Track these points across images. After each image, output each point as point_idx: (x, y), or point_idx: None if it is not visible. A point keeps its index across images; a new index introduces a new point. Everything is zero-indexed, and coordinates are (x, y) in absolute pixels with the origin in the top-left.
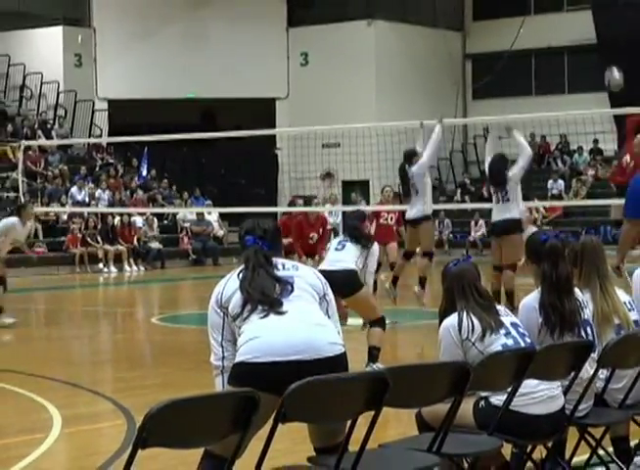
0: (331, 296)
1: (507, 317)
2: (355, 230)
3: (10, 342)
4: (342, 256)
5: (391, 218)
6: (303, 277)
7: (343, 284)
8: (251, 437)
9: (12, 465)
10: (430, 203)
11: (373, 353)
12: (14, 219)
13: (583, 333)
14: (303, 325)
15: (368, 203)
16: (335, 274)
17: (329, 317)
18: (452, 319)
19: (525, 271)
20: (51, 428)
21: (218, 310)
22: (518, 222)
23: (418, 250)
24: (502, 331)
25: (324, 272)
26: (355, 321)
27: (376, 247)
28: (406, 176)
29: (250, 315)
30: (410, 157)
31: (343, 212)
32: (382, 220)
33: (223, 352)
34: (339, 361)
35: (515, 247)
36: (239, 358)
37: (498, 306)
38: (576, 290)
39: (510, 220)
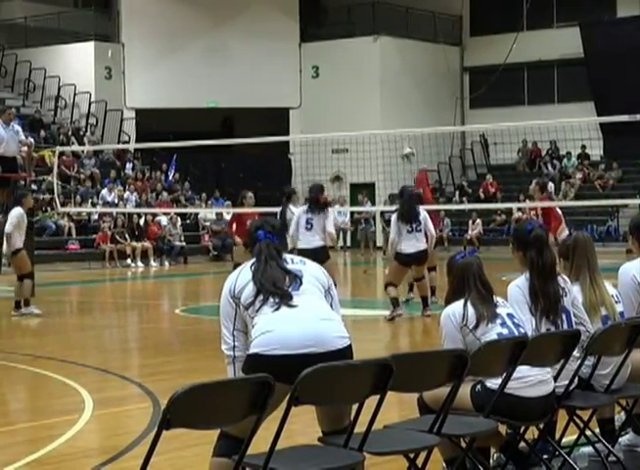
0: (334, 290)
1: (504, 308)
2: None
3: (46, 331)
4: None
5: None
6: (310, 271)
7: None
8: (263, 420)
9: (49, 443)
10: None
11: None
12: (20, 210)
13: (561, 319)
14: (313, 319)
15: (373, 203)
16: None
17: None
18: (454, 307)
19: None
20: (83, 410)
21: (231, 301)
22: None
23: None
24: (498, 321)
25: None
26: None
27: (330, 210)
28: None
29: (262, 306)
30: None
31: (352, 212)
32: None
33: (234, 341)
34: (346, 354)
35: None
36: (253, 350)
37: (497, 298)
38: (559, 278)
39: None
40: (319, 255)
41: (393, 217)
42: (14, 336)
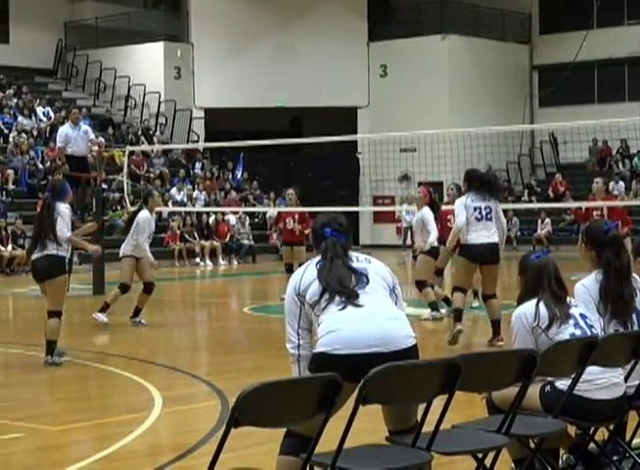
0: (399, 289)
1: (577, 309)
2: None
3: (116, 329)
4: None
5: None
6: (375, 270)
7: None
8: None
9: (120, 440)
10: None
11: None
12: (146, 213)
13: (631, 320)
14: (380, 319)
15: (442, 201)
16: None
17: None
18: (526, 307)
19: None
20: (153, 407)
21: (296, 299)
22: None
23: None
24: (571, 322)
25: None
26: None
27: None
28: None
29: (328, 305)
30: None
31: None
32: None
33: (299, 339)
34: (412, 353)
35: None
36: (320, 349)
37: (570, 299)
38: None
39: None
40: None
41: (462, 200)
42: (84, 334)
